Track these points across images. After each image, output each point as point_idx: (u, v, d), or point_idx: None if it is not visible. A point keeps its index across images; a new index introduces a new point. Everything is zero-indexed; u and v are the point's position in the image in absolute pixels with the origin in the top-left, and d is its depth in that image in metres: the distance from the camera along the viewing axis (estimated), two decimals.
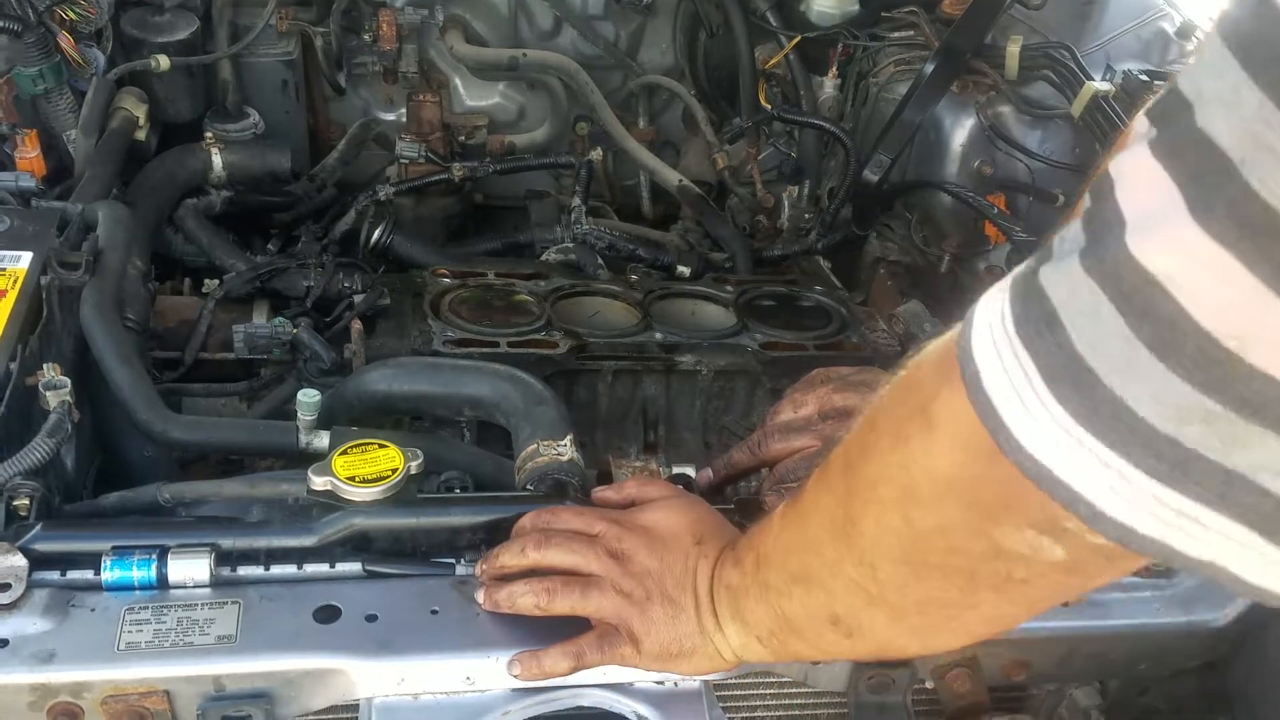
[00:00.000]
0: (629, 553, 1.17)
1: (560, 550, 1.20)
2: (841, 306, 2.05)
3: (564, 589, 1.17)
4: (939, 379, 0.80)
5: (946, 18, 2.38)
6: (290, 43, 2.45)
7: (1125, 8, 2.36)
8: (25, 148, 1.86)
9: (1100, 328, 0.66)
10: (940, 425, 0.81)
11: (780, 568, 1.05)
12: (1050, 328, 0.68)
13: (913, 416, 0.84)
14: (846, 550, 0.94)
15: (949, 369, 0.77)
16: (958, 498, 0.82)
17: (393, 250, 2.14)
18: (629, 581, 1.16)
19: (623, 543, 1.18)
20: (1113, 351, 0.65)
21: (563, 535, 1.21)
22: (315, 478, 1.27)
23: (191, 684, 1.12)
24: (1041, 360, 0.69)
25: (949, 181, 2.20)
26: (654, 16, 2.73)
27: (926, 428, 0.82)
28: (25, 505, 1.25)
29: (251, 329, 1.77)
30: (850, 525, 0.93)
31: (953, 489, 0.82)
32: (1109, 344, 0.65)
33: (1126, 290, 0.64)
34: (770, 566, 1.06)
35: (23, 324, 1.44)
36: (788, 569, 1.04)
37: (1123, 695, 1.40)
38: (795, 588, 1.03)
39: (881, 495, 0.89)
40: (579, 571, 1.19)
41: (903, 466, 0.85)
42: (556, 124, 2.75)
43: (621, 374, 1.84)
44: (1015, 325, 0.71)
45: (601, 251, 2.22)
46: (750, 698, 1.29)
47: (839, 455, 0.96)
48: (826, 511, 0.96)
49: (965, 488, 0.81)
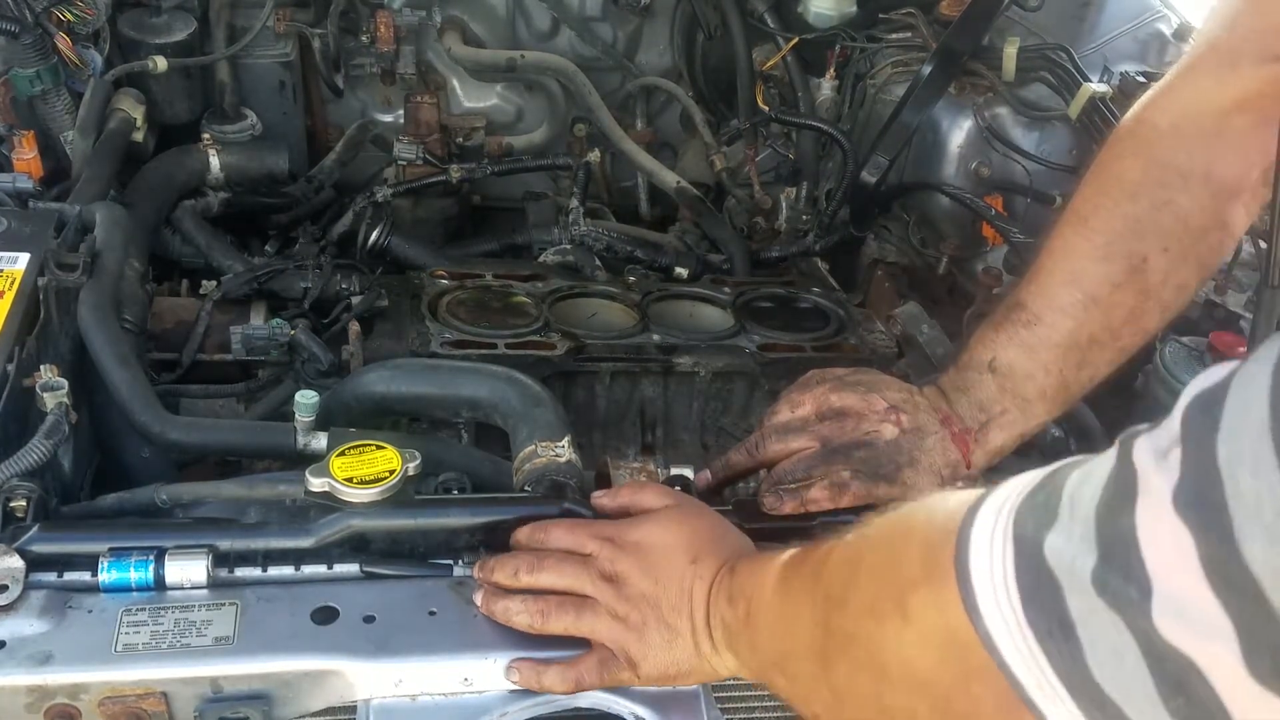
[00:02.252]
0: (623, 575, 1.17)
1: (553, 574, 1.19)
2: (839, 308, 2.05)
3: (558, 611, 1.17)
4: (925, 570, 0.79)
5: (944, 19, 2.38)
6: (288, 44, 2.44)
7: (1122, 9, 2.36)
8: (22, 149, 1.86)
9: (1123, 672, 0.65)
10: (917, 621, 0.80)
11: (767, 645, 1.06)
12: (1064, 634, 0.67)
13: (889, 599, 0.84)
14: (823, 676, 0.94)
15: (938, 567, 0.77)
16: (927, 697, 0.82)
17: (390, 252, 2.14)
18: (624, 606, 1.15)
19: (616, 565, 1.17)
20: (1137, 700, 0.64)
21: (555, 558, 1.20)
22: (313, 479, 1.26)
23: (189, 685, 1.11)
24: (1054, 662, 0.68)
25: (946, 183, 2.20)
26: (652, 18, 2.73)
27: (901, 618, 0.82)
28: (22, 507, 1.25)
29: (249, 330, 1.76)
30: (826, 659, 0.93)
31: (925, 689, 0.82)
32: (1133, 693, 0.64)
33: (1158, 655, 0.63)
34: (759, 633, 1.06)
35: (20, 325, 1.44)
36: (774, 649, 1.05)
37: None
38: (778, 672, 1.04)
39: (855, 655, 0.89)
40: (573, 594, 1.18)
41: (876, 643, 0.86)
42: (554, 125, 2.75)
43: (619, 375, 1.84)
44: (1022, 604, 0.70)
45: (599, 253, 2.22)
46: (748, 699, 1.29)
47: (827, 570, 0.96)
48: (807, 630, 0.97)
49: (938, 692, 0.81)
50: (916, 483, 1.36)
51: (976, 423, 1.40)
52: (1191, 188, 1.35)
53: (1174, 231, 1.35)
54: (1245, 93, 1.32)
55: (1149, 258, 1.35)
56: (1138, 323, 1.38)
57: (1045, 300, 1.39)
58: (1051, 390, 1.38)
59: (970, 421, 1.40)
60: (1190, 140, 1.36)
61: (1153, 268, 1.35)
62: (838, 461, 1.37)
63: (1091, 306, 1.36)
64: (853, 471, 1.36)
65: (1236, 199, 1.36)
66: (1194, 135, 1.36)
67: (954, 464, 1.38)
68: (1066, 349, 1.37)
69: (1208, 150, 1.35)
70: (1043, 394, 1.38)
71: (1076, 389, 1.40)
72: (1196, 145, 1.35)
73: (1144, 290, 1.36)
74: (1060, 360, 1.37)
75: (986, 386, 1.40)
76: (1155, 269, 1.35)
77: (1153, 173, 1.37)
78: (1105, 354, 1.38)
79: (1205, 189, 1.35)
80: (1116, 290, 1.36)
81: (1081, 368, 1.38)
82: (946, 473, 1.38)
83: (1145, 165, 1.38)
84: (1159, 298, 1.37)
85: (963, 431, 1.40)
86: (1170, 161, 1.36)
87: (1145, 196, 1.36)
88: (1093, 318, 1.36)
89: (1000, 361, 1.40)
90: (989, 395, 1.40)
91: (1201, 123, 1.35)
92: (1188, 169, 1.35)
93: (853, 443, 1.39)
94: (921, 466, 1.37)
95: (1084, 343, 1.37)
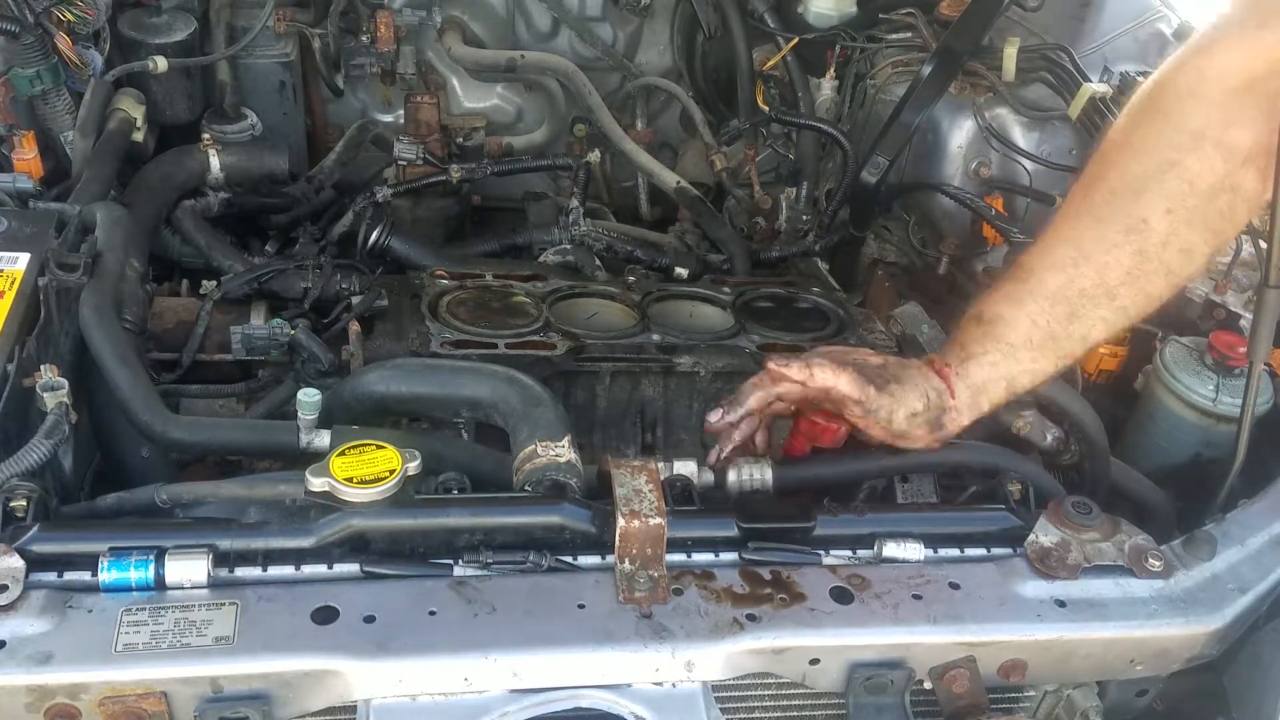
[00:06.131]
0: None
1: None
2: (839, 308, 2.05)
3: None
4: None
5: (944, 19, 2.39)
6: (288, 44, 2.45)
7: (1122, 9, 2.37)
8: (23, 149, 1.86)
9: None
10: None
11: None
12: None
13: None
14: None
15: None
16: None
17: (390, 252, 2.14)
18: None
19: None
20: None
21: None
22: (313, 479, 1.26)
23: (189, 685, 1.12)
24: None
25: (946, 183, 2.20)
26: (652, 18, 2.74)
27: None
28: (22, 506, 1.25)
29: (249, 330, 1.76)
30: None
31: None
32: None
33: None
34: None
35: (20, 325, 1.44)
36: None
37: (1121, 696, 1.40)
38: None
39: None
40: None
41: None
42: (554, 125, 2.75)
43: (619, 375, 1.84)
44: None
45: (599, 253, 2.22)
46: (748, 699, 1.29)
47: None
48: None
49: None
50: (903, 398, 1.42)
51: (957, 359, 1.45)
52: (1203, 150, 1.37)
53: (1179, 193, 1.37)
54: (1273, 55, 1.33)
55: (1149, 219, 1.38)
56: (1137, 284, 1.40)
57: (1039, 257, 1.45)
58: (1038, 339, 1.42)
59: (950, 358, 1.46)
60: (1208, 103, 1.37)
61: (1153, 229, 1.38)
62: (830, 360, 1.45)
63: (1083, 263, 1.40)
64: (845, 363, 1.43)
65: (1250, 163, 1.37)
66: (1213, 98, 1.37)
67: (938, 390, 1.44)
68: (1054, 302, 1.41)
69: (1225, 113, 1.36)
70: (1028, 342, 1.42)
71: (1068, 343, 1.43)
72: (1214, 108, 1.37)
73: (1142, 251, 1.39)
74: (1047, 312, 1.41)
75: (971, 331, 1.46)
76: (1156, 230, 1.38)
77: (1165, 135, 1.39)
78: (1099, 310, 1.41)
79: (1217, 152, 1.36)
80: (1113, 249, 1.39)
81: (1072, 321, 1.41)
82: (932, 395, 1.43)
83: (1158, 128, 1.40)
84: (1161, 259, 1.39)
85: (943, 365, 1.45)
86: (1183, 123, 1.38)
87: (1151, 157, 1.39)
88: (1084, 274, 1.40)
89: (988, 312, 1.46)
90: (972, 338, 1.46)
91: (1224, 84, 1.37)
92: (1200, 130, 1.37)
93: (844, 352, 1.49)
94: (907, 383, 1.43)
95: (1074, 297, 1.40)
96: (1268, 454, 1.62)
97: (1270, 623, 1.36)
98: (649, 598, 1.24)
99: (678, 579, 1.27)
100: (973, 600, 1.29)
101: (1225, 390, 1.68)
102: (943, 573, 1.32)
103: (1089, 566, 1.33)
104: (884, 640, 1.25)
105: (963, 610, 1.28)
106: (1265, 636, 1.35)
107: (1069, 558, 1.33)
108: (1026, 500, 1.46)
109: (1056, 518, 1.37)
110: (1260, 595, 1.36)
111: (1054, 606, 1.30)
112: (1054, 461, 1.65)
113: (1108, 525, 1.37)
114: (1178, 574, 1.35)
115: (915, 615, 1.27)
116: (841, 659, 1.25)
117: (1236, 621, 1.34)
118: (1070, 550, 1.34)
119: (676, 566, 1.29)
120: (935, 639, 1.26)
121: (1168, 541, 1.40)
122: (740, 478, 1.47)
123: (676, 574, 1.28)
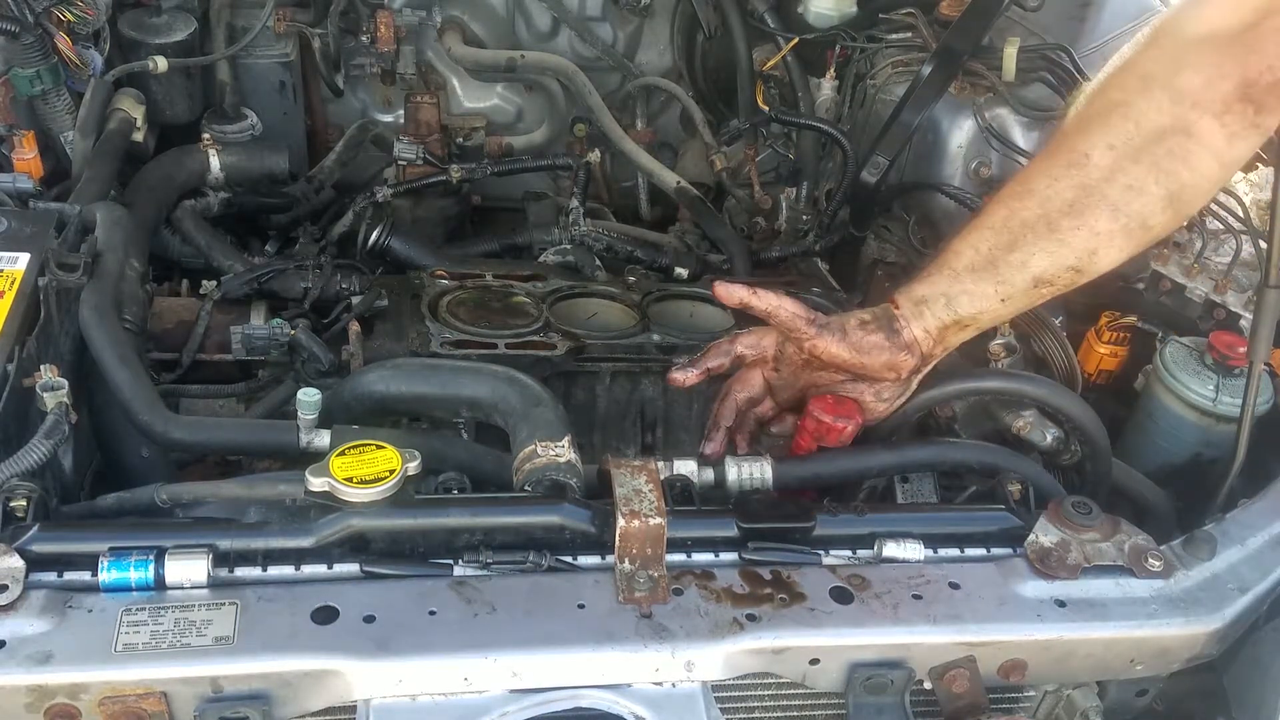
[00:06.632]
0: None
1: None
2: (839, 308, 2.05)
3: None
4: None
5: (944, 19, 2.38)
6: (288, 44, 2.44)
7: (1122, 9, 2.36)
8: (23, 149, 1.86)
9: None
10: None
11: None
12: None
13: None
14: None
15: None
16: None
17: (390, 252, 2.14)
18: None
19: None
20: None
21: None
22: (313, 479, 1.27)
23: (189, 685, 1.12)
24: None
25: (947, 183, 2.20)
26: (652, 18, 2.73)
27: None
28: (22, 506, 1.25)
29: (249, 330, 1.76)
30: None
31: None
32: None
33: None
34: None
35: (20, 325, 1.44)
36: None
37: (1121, 696, 1.40)
38: None
39: None
40: None
41: None
42: (554, 125, 2.75)
43: (619, 375, 1.84)
44: None
45: (599, 253, 2.22)
46: (748, 699, 1.29)
47: None
48: None
49: None
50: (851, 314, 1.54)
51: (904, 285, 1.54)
52: (1150, 91, 1.44)
53: (1123, 131, 1.44)
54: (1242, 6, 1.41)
55: (1091, 154, 1.45)
56: (1080, 217, 1.45)
57: (989, 198, 1.57)
58: (980, 264, 1.49)
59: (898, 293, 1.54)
60: (1163, 49, 1.47)
61: (1095, 163, 1.44)
62: None
63: (1026, 196, 1.48)
64: None
65: (1202, 108, 1.42)
66: (1168, 44, 1.46)
67: (884, 306, 1.53)
68: (996, 231, 1.49)
69: (1176, 59, 1.44)
70: (971, 267, 1.49)
71: (1007, 269, 1.48)
72: (1166, 53, 1.46)
73: (1084, 185, 1.45)
74: (989, 240, 1.49)
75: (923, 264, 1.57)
76: (1098, 165, 1.44)
77: (1116, 78, 1.49)
78: (1040, 241, 1.47)
79: (1165, 94, 1.43)
80: (1054, 182, 1.46)
81: (1013, 249, 1.48)
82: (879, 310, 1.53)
83: (1113, 73, 1.50)
84: (1104, 194, 1.44)
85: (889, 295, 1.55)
86: (1135, 68, 1.48)
87: (1099, 98, 1.48)
88: (1026, 205, 1.47)
89: (941, 247, 1.56)
90: (920, 269, 1.56)
91: (1180, 34, 1.46)
92: (1149, 74, 1.45)
93: None
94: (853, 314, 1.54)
95: (1016, 227, 1.47)
96: (1268, 454, 1.62)
97: (1270, 623, 1.36)
98: (649, 598, 1.24)
99: (678, 579, 1.27)
100: (973, 600, 1.29)
101: (1225, 390, 1.68)
102: (943, 573, 1.32)
103: (1089, 566, 1.33)
104: (884, 640, 1.26)
105: (963, 610, 1.28)
106: (1265, 636, 1.35)
107: (1069, 558, 1.33)
108: (1026, 500, 1.46)
109: (1056, 518, 1.37)
110: (1260, 595, 1.36)
111: (1054, 606, 1.30)
112: (1054, 461, 1.65)
113: (1108, 525, 1.37)
114: (1178, 574, 1.35)
115: (915, 615, 1.27)
116: (841, 659, 1.25)
117: (1236, 621, 1.34)
118: (1070, 550, 1.34)
119: (676, 566, 1.29)
120: (935, 639, 1.26)
121: (1168, 541, 1.40)
122: (740, 477, 1.47)
123: (676, 574, 1.28)
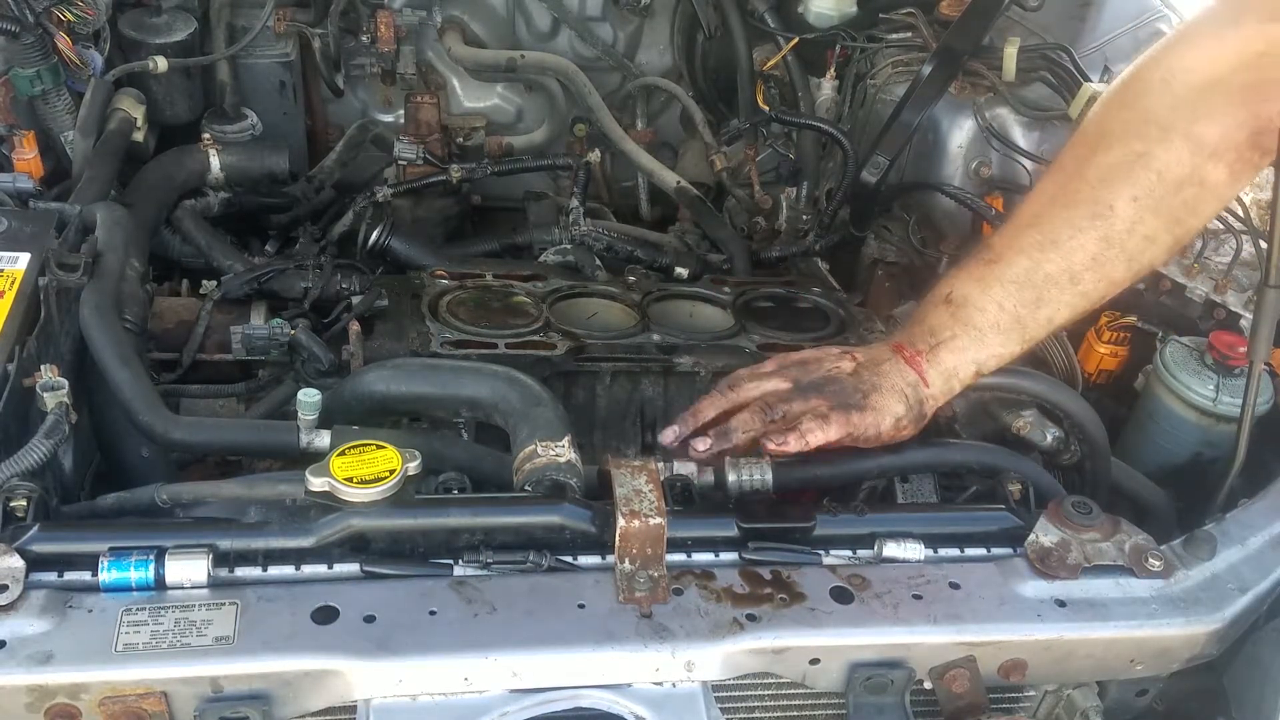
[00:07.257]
0: None
1: None
2: (839, 308, 2.05)
3: None
4: None
5: (944, 19, 2.38)
6: (288, 44, 2.45)
7: (1122, 9, 2.36)
8: (23, 149, 1.86)
9: None
10: None
11: None
12: None
13: None
14: None
15: None
16: None
17: (391, 252, 2.14)
18: None
19: None
20: None
21: None
22: (313, 479, 1.27)
23: (189, 685, 1.12)
24: None
25: (947, 183, 2.20)
26: (652, 18, 2.73)
27: None
28: (22, 506, 1.25)
29: (249, 330, 1.76)
30: None
31: None
32: None
33: None
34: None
35: (20, 325, 1.44)
36: None
37: (1121, 696, 1.40)
38: None
39: None
40: None
41: None
42: (554, 125, 2.75)
43: (619, 375, 1.84)
44: None
45: (599, 253, 2.22)
46: (748, 699, 1.29)
47: None
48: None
49: None
50: (884, 405, 1.44)
51: (927, 345, 1.47)
52: (1171, 141, 1.41)
53: (1146, 183, 1.41)
54: (1245, 51, 1.37)
55: (1115, 206, 1.42)
56: (1101, 269, 1.43)
57: (1007, 241, 1.48)
58: (1005, 324, 1.45)
59: (920, 344, 1.48)
60: (1178, 95, 1.42)
61: (1119, 215, 1.41)
62: (811, 396, 1.45)
63: (1050, 248, 1.43)
64: (829, 405, 1.43)
65: (1219, 158, 1.40)
66: (1183, 91, 1.42)
67: (913, 383, 1.46)
68: (1021, 286, 1.44)
69: (1193, 107, 1.40)
70: (996, 326, 1.45)
71: (1033, 327, 1.46)
72: (1183, 101, 1.41)
73: (1107, 237, 1.42)
74: (1014, 297, 1.44)
75: (939, 315, 1.48)
76: (1121, 217, 1.41)
77: (1135, 126, 1.44)
78: (1064, 295, 1.44)
79: (1185, 144, 1.40)
80: (1078, 234, 1.42)
81: (1038, 306, 1.44)
82: (909, 391, 1.45)
83: (1128, 118, 1.45)
84: (1124, 246, 1.42)
85: (914, 353, 1.47)
86: (1153, 115, 1.43)
87: (1121, 147, 1.43)
88: (1050, 259, 1.43)
89: (956, 294, 1.48)
90: (940, 322, 1.47)
91: (1191, 78, 1.41)
92: (1169, 123, 1.41)
93: (820, 379, 1.47)
94: (885, 389, 1.45)
95: (1040, 281, 1.44)
96: (1268, 454, 1.62)
97: (1270, 623, 1.36)
98: (649, 598, 1.24)
99: (678, 579, 1.27)
100: (973, 600, 1.29)
101: (1225, 390, 1.68)
102: (943, 573, 1.32)
103: (1089, 566, 1.33)
104: (884, 640, 1.26)
105: (963, 610, 1.28)
106: (1265, 636, 1.35)
107: (1069, 558, 1.33)
108: (1026, 500, 1.46)
109: (1056, 518, 1.37)
110: (1260, 595, 1.36)
111: (1054, 606, 1.30)
112: (1054, 461, 1.65)
113: (1108, 525, 1.37)
114: (1178, 574, 1.35)
115: (915, 615, 1.27)
116: (841, 659, 1.25)
117: (1236, 621, 1.34)
118: (1070, 550, 1.34)
119: (676, 566, 1.29)
120: (935, 639, 1.26)
121: (1168, 541, 1.40)
122: (740, 478, 1.47)
123: (676, 574, 1.28)
